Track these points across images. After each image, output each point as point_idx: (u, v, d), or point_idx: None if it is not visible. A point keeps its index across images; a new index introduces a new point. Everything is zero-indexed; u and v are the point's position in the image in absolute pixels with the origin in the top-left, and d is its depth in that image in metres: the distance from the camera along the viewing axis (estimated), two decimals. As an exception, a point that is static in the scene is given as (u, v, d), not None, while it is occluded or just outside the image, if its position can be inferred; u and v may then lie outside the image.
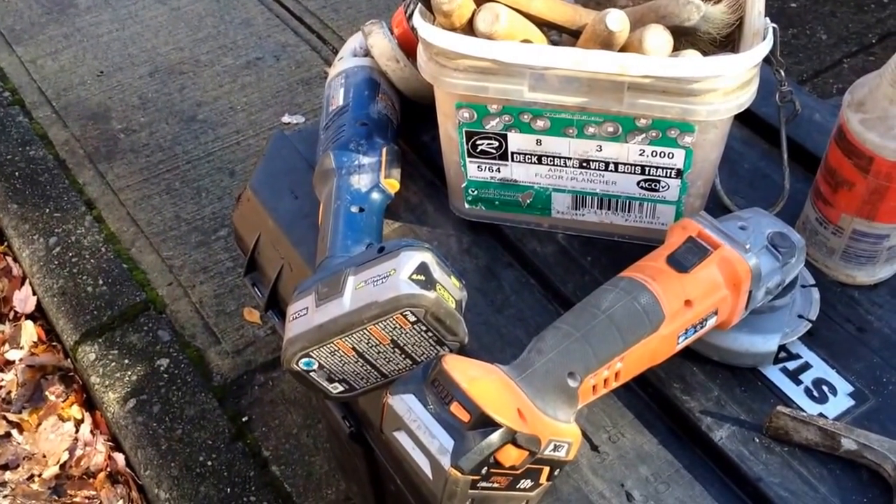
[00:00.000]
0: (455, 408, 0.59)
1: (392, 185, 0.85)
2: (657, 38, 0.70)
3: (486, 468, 0.59)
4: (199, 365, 1.74)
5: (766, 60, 0.80)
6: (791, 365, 0.76)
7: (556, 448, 0.63)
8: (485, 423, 0.58)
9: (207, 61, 2.50)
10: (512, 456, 0.59)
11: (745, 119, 0.97)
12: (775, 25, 0.74)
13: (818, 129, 0.95)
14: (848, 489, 0.67)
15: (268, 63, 2.47)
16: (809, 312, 0.77)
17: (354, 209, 0.81)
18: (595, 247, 0.86)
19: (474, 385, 0.60)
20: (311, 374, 0.72)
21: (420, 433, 0.60)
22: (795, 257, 0.72)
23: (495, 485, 0.61)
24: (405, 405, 0.61)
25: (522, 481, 0.63)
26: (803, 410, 0.72)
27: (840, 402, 0.73)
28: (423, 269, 0.69)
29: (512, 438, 0.59)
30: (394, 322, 0.68)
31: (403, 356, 0.71)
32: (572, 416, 0.65)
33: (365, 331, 0.68)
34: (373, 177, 0.84)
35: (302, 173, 0.95)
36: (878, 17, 2.40)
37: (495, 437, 0.58)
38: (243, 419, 1.64)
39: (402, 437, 0.61)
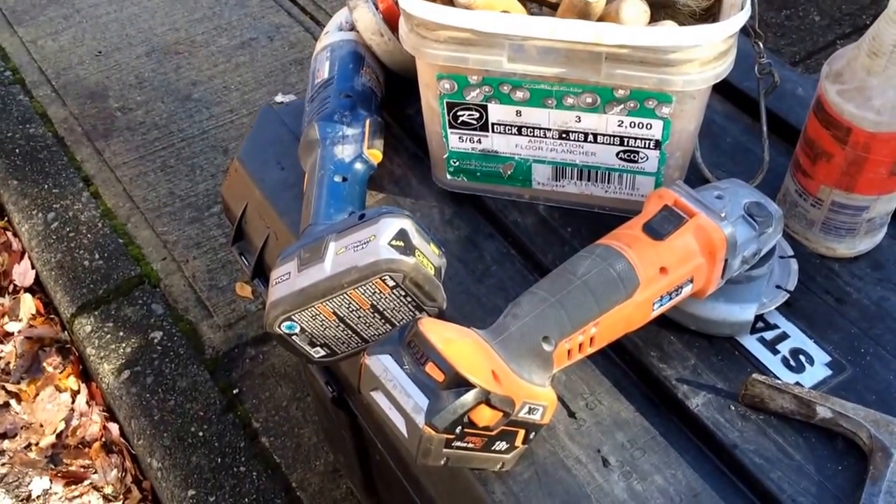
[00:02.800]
0: (430, 368, 0.60)
1: (375, 155, 0.86)
2: (633, 8, 0.70)
3: (460, 427, 0.60)
4: (192, 338, 1.75)
5: (746, 33, 0.80)
6: (769, 335, 0.76)
7: (530, 411, 0.64)
8: (459, 383, 0.59)
9: (203, 41, 2.51)
10: (486, 416, 0.60)
11: (727, 94, 0.98)
12: (754, -3, 0.74)
13: (801, 103, 0.95)
14: (823, 457, 0.68)
15: (262, 43, 2.48)
16: (788, 283, 0.78)
17: (338, 179, 0.82)
18: (575, 218, 0.87)
19: (449, 346, 0.61)
20: (293, 337, 0.73)
21: (396, 392, 0.61)
22: (772, 227, 0.73)
23: (470, 445, 0.63)
24: (381, 365, 0.62)
25: (497, 443, 0.65)
26: (780, 379, 0.72)
27: (817, 372, 0.73)
28: (402, 235, 0.70)
29: (486, 398, 0.59)
30: (373, 287, 0.69)
31: (383, 321, 0.73)
32: (547, 381, 0.66)
33: (345, 295, 0.69)
34: (356, 147, 0.85)
35: (288, 145, 0.96)
36: (872, -2, 2.40)
37: (469, 396, 0.59)
38: (234, 391, 1.66)
39: (378, 397, 0.63)
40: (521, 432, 0.65)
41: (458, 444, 0.62)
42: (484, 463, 0.66)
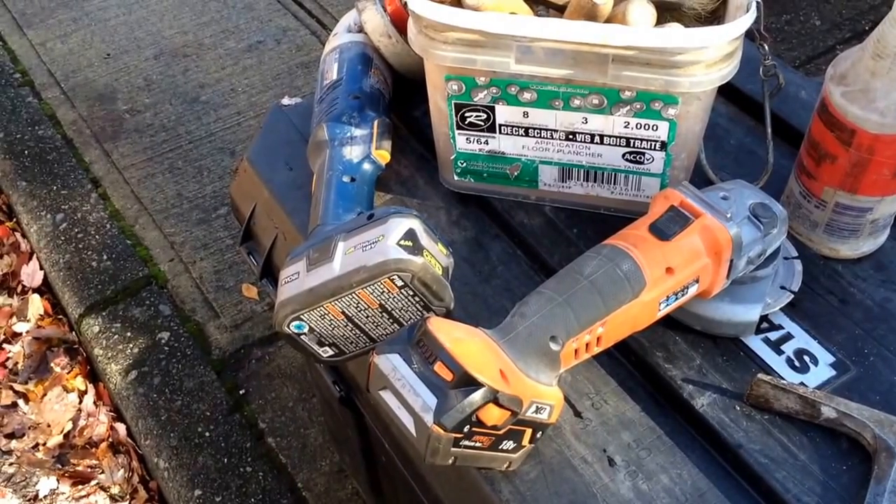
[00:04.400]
0: (439, 367, 0.60)
1: (383, 156, 0.87)
2: (640, 10, 0.71)
3: (468, 426, 0.60)
4: (199, 338, 1.77)
5: (751, 36, 0.81)
6: (773, 335, 0.77)
7: (538, 410, 0.64)
8: (467, 383, 0.59)
9: (210, 44, 2.53)
10: (494, 415, 0.61)
11: (731, 96, 0.98)
12: (759, 0, 0.74)
13: (805, 106, 0.95)
14: (828, 457, 0.68)
15: (269, 46, 2.50)
16: (792, 284, 0.78)
17: (346, 179, 0.83)
18: (581, 219, 0.87)
19: (458, 345, 0.61)
20: (301, 337, 0.74)
21: (405, 392, 0.61)
22: (777, 228, 0.73)
23: (478, 444, 0.63)
24: (390, 364, 0.62)
25: (505, 442, 0.65)
26: (784, 379, 0.73)
27: (821, 372, 0.74)
28: (410, 235, 0.70)
29: (494, 398, 0.60)
30: (382, 286, 0.70)
31: (391, 321, 0.73)
32: (554, 380, 0.66)
33: (354, 295, 0.70)
34: (364, 148, 0.85)
35: (297, 146, 0.96)
36: (871, 3, 2.41)
37: (477, 395, 0.59)
38: (240, 392, 1.67)
39: (387, 396, 0.63)
40: (529, 431, 0.66)
41: (466, 443, 0.62)
42: (491, 462, 0.67)
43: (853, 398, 0.70)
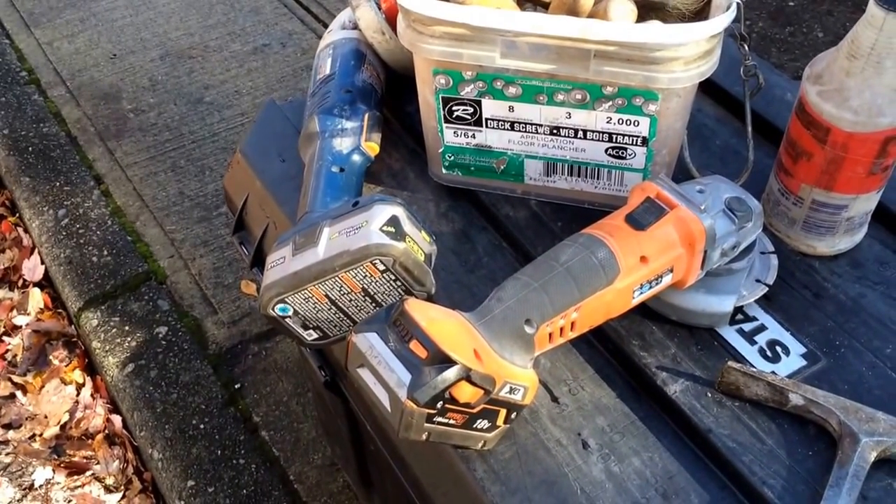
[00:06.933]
0: (414, 345, 0.62)
1: (372, 148, 0.89)
2: (620, 7, 0.74)
3: (441, 402, 0.62)
4: (196, 333, 1.79)
5: (732, 36, 0.83)
6: (747, 326, 0.79)
7: (511, 391, 0.66)
8: (441, 360, 0.61)
9: (216, 47, 2.56)
10: (467, 392, 0.63)
11: (719, 98, 1.01)
12: (740, 1, 0.77)
13: (790, 108, 0.97)
14: (794, 442, 0.70)
15: (274, 49, 2.53)
16: (767, 278, 0.80)
17: (335, 169, 0.85)
18: (565, 213, 0.90)
19: (433, 325, 0.63)
20: (286, 320, 0.76)
21: (380, 368, 0.63)
22: (752, 221, 0.75)
23: (451, 421, 0.65)
24: (367, 342, 0.64)
25: (479, 421, 0.67)
26: (755, 367, 0.74)
27: (792, 362, 0.76)
28: (393, 221, 0.72)
29: (467, 375, 0.62)
30: (364, 270, 0.72)
31: (374, 305, 0.75)
32: (529, 363, 0.68)
33: (337, 278, 0.72)
34: (354, 140, 0.88)
35: (290, 139, 0.99)
36: (875, 15, 2.43)
37: (451, 372, 0.61)
38: (236, 386, 1.69)
39: (364, 374, 0.65)
40: (503, 412, 0.68)
41: (440, 419, 0.64)
42: (466, 440, 0.68)
43: (822, 387, 0.72)
